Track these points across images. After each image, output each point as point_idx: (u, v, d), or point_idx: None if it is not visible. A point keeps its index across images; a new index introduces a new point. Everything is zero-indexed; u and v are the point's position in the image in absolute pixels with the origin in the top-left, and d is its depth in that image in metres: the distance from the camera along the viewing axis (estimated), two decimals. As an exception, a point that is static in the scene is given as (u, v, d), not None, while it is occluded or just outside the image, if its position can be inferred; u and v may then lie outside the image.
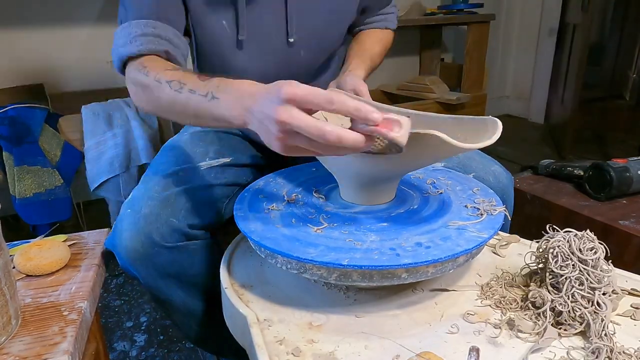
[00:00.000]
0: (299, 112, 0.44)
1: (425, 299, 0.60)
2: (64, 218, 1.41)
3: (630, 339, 0.51)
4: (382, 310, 0.58)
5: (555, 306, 0.52)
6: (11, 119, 1.33)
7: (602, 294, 0.52)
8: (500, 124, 0.53)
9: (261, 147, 0.95)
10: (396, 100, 2.41)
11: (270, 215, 0.62)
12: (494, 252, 0.70)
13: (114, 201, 1.58)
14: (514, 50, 3.23)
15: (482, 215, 0.60)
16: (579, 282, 0.52)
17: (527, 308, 0.55)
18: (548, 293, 0.53)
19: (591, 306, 0.51)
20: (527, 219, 1.15)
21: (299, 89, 0.44)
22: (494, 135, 0.51)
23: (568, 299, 0.52)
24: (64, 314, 0.57)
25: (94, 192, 1.54)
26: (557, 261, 0.53)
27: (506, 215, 0.62)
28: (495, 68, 3.22)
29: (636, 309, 0.55)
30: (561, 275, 0.52)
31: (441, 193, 0.68)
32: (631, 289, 0.59)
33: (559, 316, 0.52)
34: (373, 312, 0.57)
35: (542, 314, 0.52)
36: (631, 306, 0.56)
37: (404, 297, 0.60)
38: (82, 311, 0.57)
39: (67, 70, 1.88)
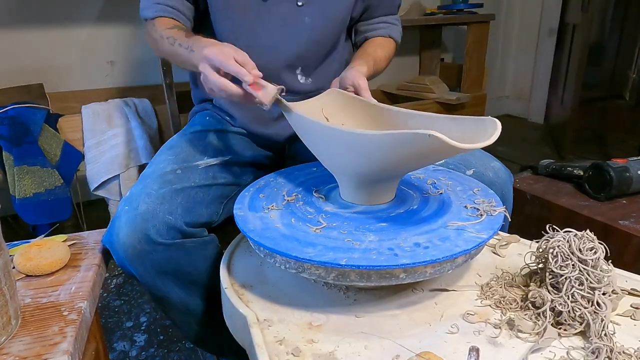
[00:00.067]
0: (209, 67, 0.64)
1: (425, 299, 0.60)
2: (64, 218, 1.41)
3: (630, 339, 0.51)
4: (382, 310, 0.58)
5: (555, 306, 0.52)
6: (11, 119, 1.33)
7: (602, 294, 0.52)
8: (499, 124, 0.53)
9: (261, 145, 0.95)
10: (396, 100, 2.41)
11: (270, 215, 0.62)
12: (494, 252, 0.70)
13: (114, 201, 1.58)
14: (514, 50, 3.23)
15: (482, 215, 0.60)
16: (579, 282, 0.52)
17: (527, 308, 0.55)
18: (548, 293, 0.53)
19: (591, 306, 0.51)
20: (527, 219, 1.15)
21: (211, 52, 0.64)
22: (493, 135, 0.51)
23: (568, 299, 0.52)
24: (63, 314, 0.57)
25: (94, 192, 1.54)
26: (557, 261, 0.53)
27: (506, 215, 0.62)
28: (495, 68, 3.21)
29: (636, 309, 0.55)
30: (561, 275, 0.52)
31: (441, 193, 0.68)
32: (631, 289, 0.59)
33: (559, 316, 0.52)
34: (373, 312, 0.57)
35: (542, 314, 0.52)
36: (631, 306, 0.56)
37: (404, 297, 0.60)
38: (82, 311, 0.57)
39: (67, 70, 1.88)
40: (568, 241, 0.53)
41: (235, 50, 0.66)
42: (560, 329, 0.52)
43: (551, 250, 0.54)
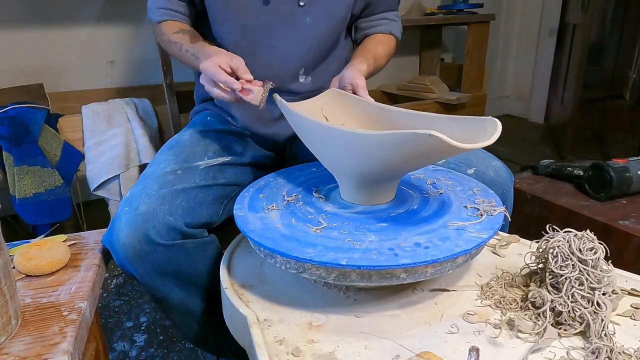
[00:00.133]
0: (206, 81, 0.71)
1: (425, 299, 0.60)
2: (64, 218, 1.41)
3: (630, 339, 0.51)
4: (382, 310, 0.58)
5: (555, 306, 0.52)
6: (11, 119, 1.33)
7: (602, 294, 0.52)
8: (500, 124, 0.53)
9: (262, 145, 0.95)
10: (396, 100, 2.41)
11: (270, 215, 0.62)
12: (494, 252, 0.70)
13: (114, 201, 1.58)
14: (514, 50, 3.23)
15: (482, 215, 0.60)
16: (579, 282, 0.52)
17: (527, 308, 0.55)
18: (548, 293, 0.53)
19: (591, 306, 0.51)
20: (527, 219, 1.15)
21: (206, 65, 0.70)
22: (493, 135, 0.51)
23: (568, 299, 0.52)
24: (63, 314, 0.57)
25: (94, 192, 1.54)
26: (557, 261, 0.53)
27: (506, 215, 0.62)
28: (495, 68, 3.21)
29: (636, 309, 0.55)
30: (561, 275, 0.52)
31: (441, 193, 0.68)
32: (631, 289, 0.59)
33: (559, 316, 0.52)
34: (373, 312, 0.57)
35: (542, 314, 0.52)
36: (631, 306, 0.56)
37: (404, 297, 0.60)
38: (82, 311, 0.57)
39: (67, 70, 1.88)
40: (568, 241, 0.53)
41: (231, 57, 0.72)
42: (560, 329, 0.52)
43: (551, 251, 0.54)
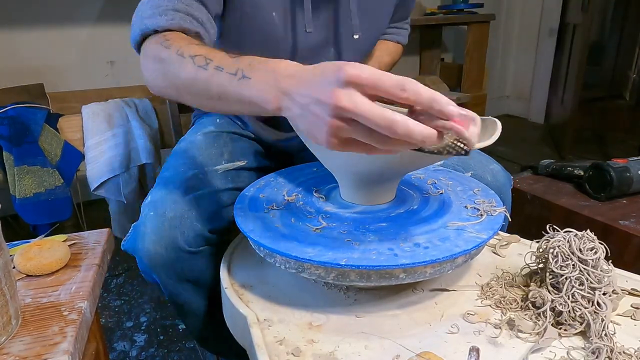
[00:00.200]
0: (363, 97, 0.37)
1: (425, 299, 0.60)
2: (64, 218, 1.41)
3: (630, 339, 0.51)
4: (382, 310, 0.58)
5: (555, 306, 0.52)
6: (11, 119, 1.33)
7: (602, 294, 0.52)
8: (500, 124, 0.53)
9: (271, 152, 0.94)
10: (396, 100, 2.41)
11: (270, 215, 0.62)
12: (494, 252, 0.70)
13: (114, 201, 1.58)
14: (514, 50, 3.23)
15: (482, 215, 0.60)
16: (579, 282, 0.52)
17: (527, 308, 0.55)
18: (548, 293, 0.53)
19: (591, 306, 0.51)
20: (527, 219, 1.15)
21: (363, 71, 0.37)
22: (493, 135, 0.51)
23: (568, 299, 0.52)
24: (64, 314, 0.57)
25: (94, 192, 1.53)
26: (557, 261, 0.53)
27: (506, 216, 0.62)
28: (495, 68, 3.21)
29: (636, 309, 0.55)
30: (561, 275, 0.52)
31: (441, 193, 0.68)
32: (631, 289, 0.59)
33: (559, 316, 0.52)
34: (373, 312, 0.57)
35: (542, 314, 0.52)
36: (631, 306, 0.56)
37: (404, 297, 0.60)
38: (82, 311, 0.57)
39: (67, 70, 1.88)
40: (568, 241, 0.53)
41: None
42: (560, 329, 0.52)
43: (551, 250, 0.54)
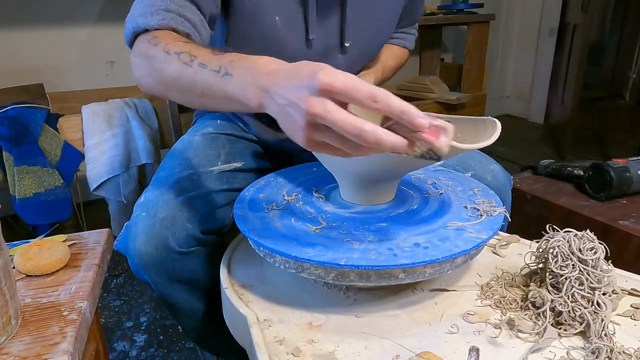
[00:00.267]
0: (335, 106, 0.39)
1: (425, 299, 0.60)
2: (64, 218, 1.41)
3: (630, 339, 0.51)
4: (382, 310, 0.58)
5: (555, 306, 0.52)
6: (11, 119, 1.33)
7: (602, 294, 0.52)
8: (499, 124, 0.53)
9: (270, 153, 0.94)
10: (396, 100, 2.40)
11: (270, 215, 0.62)
12: (494, 252, 0.70)
13: (114, 201, 1.58)
14: (514, 50, 3.23)
15: (482, 216, 0.60)
16: (579, 282, 0.52)
17: (527, 308, 0.55)
18: (548, 293, 0.53)
19: (591, 306, 0.51)
20: (527, 219, 1.15)
21: (337, 79, 0.38)
22: (493, 135, 0.51)
23: (568, 299, 0.52)
24: (64, 314, 0.57)
25: (94, 192, 1.53)
26: (557, 261, 0.53)
27: (505, 216, 0.62)
28: (495, 68, 3.21)
29: (636, 309, 0.55)
30: (561, 275, 0.52)
31: (441, 193, 0.68)
32: (631, 289, 0.59)
33: (559, 316, 0.52)
34: (373, 312, 0.57)
35: (542, 314, 0.52)
36: (631, 306, 0.56)
37: (404, 297, 0.60)
38: (82, 311, 0.57)
39: (67, 70, 1.88)
40: (568, 241, 0.53)
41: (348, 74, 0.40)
42: (560, 329, 0.52)
43: (551, 250, 0.54)
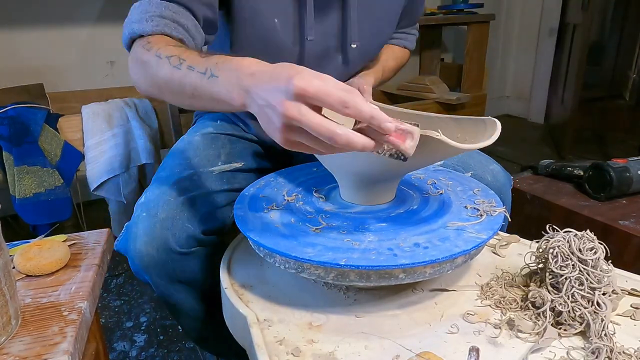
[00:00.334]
0: (309, 110, 0.42)
1: (425, 299, 0.60)
2: (64, 218, 1.41)
3: (630, 339, 0.51)
4: (382, 310, 0.58)
5: (555, 306, 0.52)
6: (11, 119, 1.33)
7: (602, 294, 0.52)
8: (499, 124, 0.53)
9: (271, 153, 0.94)
10: (396, 100, 2.41)
11: (270, 215, 0.62)
12: (494, 252, 0.70)
13: (114, 201, 1.58)
14: (514, 50, 3.23)
15: (482, 216, 0.60)
16: (579, 282, 0.52)
17: (527, 308, 0.55)
18: (548, 293, 0.53)
19: (591, 306, 0.51)
20: (527, 219, 1.15)
21: (311, 84, 0.41)
22: (493, 135, 0.51)
23: (568, 299, 0.52)
24: (64, 314, 0.57)
25: (94, 192, 1.54)
26: (557, 261, 0.53)
27: (505, 216, 0.62)
28: (495, 68, 3.21)
29: (636, 309, 0.55)
30: (561, 275, 0.52)
31: (441, 193, 0.68)
32: (631, 289, 0.59)
33: (559, 316, 0.52)
34: (373, 312, 0.57)
35: (542, 314, 0.52)
36: (631, 306, 0.56)
37: (404, 297, 0.60)
38: (82, 311, 0.57)
39: (67, 70, 1.88)
40: (568, 241, 0.53)
41: (326, 77, 0.44)
42: (560, 329, 0.52)
43: (551, 250, 0.54)
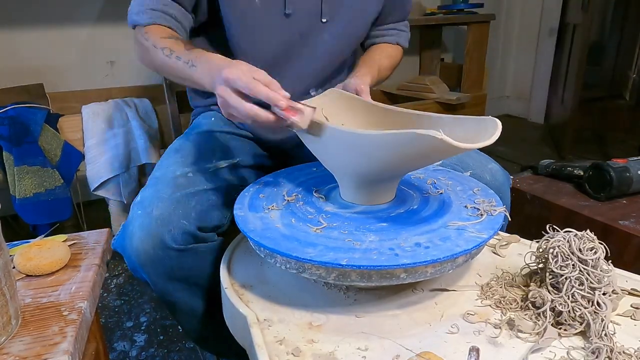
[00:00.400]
0: (231, 92, 0.57)
1: (425, 299, 0.60)
2: (64, 218, 1.41)
3: (630, 339, 0.51)
4: (382, 310, 0.58)
5: (555, 306, 0.52)
6: (11, 119, 1.33)
7: (602, 294, 0.52)
8: (500, 124, 0.53)
9: (267, 150, 0.95)
10: (396, 100, 2.41)
11: (270, 215, 0.62)
12: (494, 252, 0.70)
13: (114, 201, 1.58)
14: (514, 50, 3.23)
15: (482, 215, 0.60)
16: (579, 282, 0.52)
17: (527, 308, 0.55)
18: (548, 293, 0.53)
19: (591, 306, 0.51)
20: (527, 219, 1.15)
21: (232, 74, 0.57)
22: (493, 135, 0.51)
23: (568, 299, 0.52)
24: (64, 314, 0.57)
25: (94, 192, 1.54)
26: (557, 261, 0.53)
27: (505, 215, 0.62)
28: (496, 68, 3.21)
29: (636, 309, 0.55)
30: (561, 275, 0.52)
31: (441, 193, 0.68)
32: (631, 289, 0.59)
33: (559, 316, 0.52)
34: (373, 312, 0.57)
35: (542, 314, 0.52)
36: (631, 306, 0.56)
37: (404, 297, 0.60)
38: (82, 311, 0.57)
39: (67, 70, 1.88)
40: (568, 241, 0.53)
41: (253, 70, 0.59)
42: (560, 329, 0.52)
43: (551, 250, 0.54)
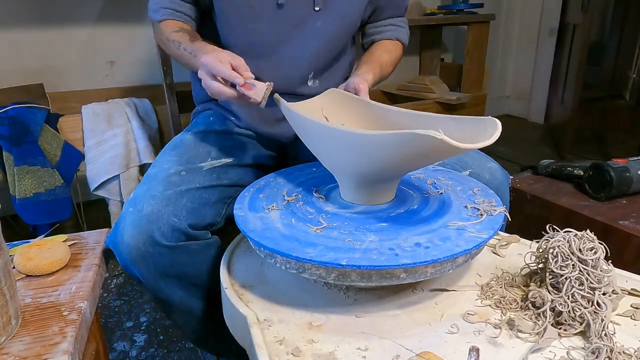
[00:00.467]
0: (206, 74, 0.68)
1: (425, 299, 0.60)
2: (64, 218, 1.41)
3: (630, 339, 0.51)
4: (382, 310, 0.58)
5: (555, 306, 0.52)
6: (11, 119, 1.33)
7: (602, 294, 0.52)
8: (500, 124, 0.53)
9: (265, 145, 0.95)
10: (396, 100, 2.41)
11: (270, 215, 0.62)
12: (494, 252, 0.70)
13: (114, 201, 1.58)
14: (514, 50, 3.23)
15: (482, 215, 0.60)
16: (579, 282, 0.52)
17: (527, 308, 0.55)
18: (548, 293, 0.53)
19: (591, 306, 0.51)
20: (527, 219, 1.15)
21: (207, 59, 0.68)
22: (493, 135, 0.51)
23: (568, 299, 0.52)
24: (64, 314, 0.57)
25: (94, 192, 1.53)
26: (557, 261, 0.53)
27: (505, 215, 0.62)
28: (495, 68, 3.21)
29: (636, 309, 0.55)
30: (561, 275, 0.52)
31: (441, 193, 0.68)
32: (631, 289, 0.59)
33: (559, 316, 0.52)
34: (373, 312, 0.57)
35: (542, 314, 0.52)
36: (631, 306, 0.56)
37: (404, 297, 0.60)
38: (82, 311, 0.57)
39: (67, 70, 1.88)
40: (568, 241, 0.53)
41: (232, 56, 0.70)
42: (560, 329, 0.52)
43: (551, 250, 0.54)
